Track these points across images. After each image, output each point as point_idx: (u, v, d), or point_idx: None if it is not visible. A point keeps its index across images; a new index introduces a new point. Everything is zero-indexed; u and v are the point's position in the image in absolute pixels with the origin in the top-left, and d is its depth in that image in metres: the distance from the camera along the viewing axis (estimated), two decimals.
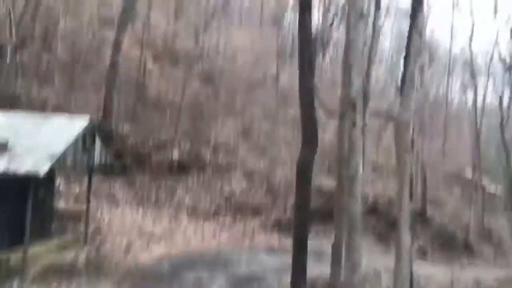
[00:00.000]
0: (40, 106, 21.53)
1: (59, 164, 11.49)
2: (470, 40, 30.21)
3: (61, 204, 17.53)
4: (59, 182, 19.38)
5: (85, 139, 12.42)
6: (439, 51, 39.06)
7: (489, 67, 33.17)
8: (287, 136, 27.37)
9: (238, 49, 30.81)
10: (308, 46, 11.84)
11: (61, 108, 21.14)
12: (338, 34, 34.55)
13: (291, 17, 43.28)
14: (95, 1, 29.12)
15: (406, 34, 10.50)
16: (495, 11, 32.04)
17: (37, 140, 11.75)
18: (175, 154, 22.95)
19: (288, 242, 20.73)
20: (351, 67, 8.99)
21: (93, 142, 12.82)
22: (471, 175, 31.10)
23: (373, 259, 16.18)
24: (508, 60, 30.56)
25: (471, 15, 29.74)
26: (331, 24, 26.17)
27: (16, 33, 23.75)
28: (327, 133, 25.36)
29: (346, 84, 8.99)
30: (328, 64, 38.43)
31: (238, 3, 40.12)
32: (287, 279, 14.49)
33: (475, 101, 31.22)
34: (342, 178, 13.98)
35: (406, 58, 10.07)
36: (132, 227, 18.15)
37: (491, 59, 32.51)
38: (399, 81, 12.72)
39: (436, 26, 74.53)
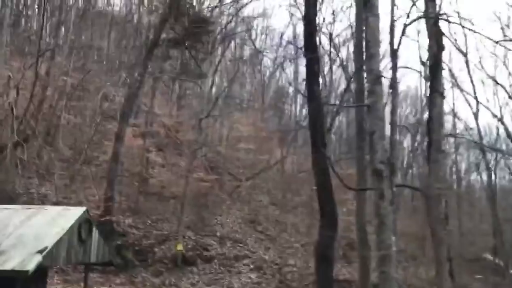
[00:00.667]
0: (40, 203, 20.58)
1: (50, 260, 10.18)
2: (476, 118, 29.73)
3: None
4: (54, 280, 17.92)
5: (80, 231, 11.19)
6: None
7: (496, 142, 32.47)
8: (296, 223, 26.04)
9: (241, 136, 30.37)
10: (319, 119, 11.06)
11: (60, 204, 20.11)
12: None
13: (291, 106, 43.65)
14: (98, 96, 29.14)
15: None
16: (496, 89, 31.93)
17: (26, 233, 10.55)
18: (180, 247, 21.44)
19: None
20: (374, 133, 8.05)
21: (90, 234, 11.57)
22: (492, 258, 29.23)
23: None
24: None
25: (474, 92, 29.53)
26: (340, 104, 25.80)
27: (17, 130, 23.42)
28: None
29: (370, 152, 8.02)
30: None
31: (239, 90, 40.47)
32: None
33: (489, 178, 30.11)
34: (364, 262, 12.65)
35: (429, 122, 9.19)
36: None
37: (498, 134, 31.93)
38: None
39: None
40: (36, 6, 38.56)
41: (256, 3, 48.43)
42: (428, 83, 10.24)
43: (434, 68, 9.92)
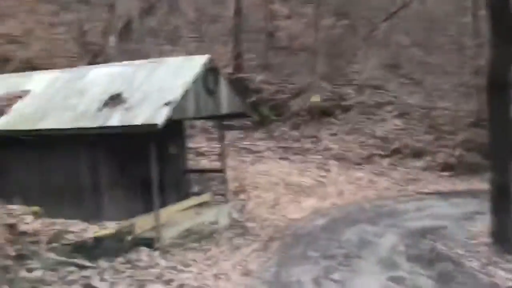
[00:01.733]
0: None
1: (179, 112, 9.46)
2: None
3: (196, 161, 16.15)
4: (197, 138, 18.11)
5: (207, 81, 10.21)
6: None
7: None
8: (443, 64, 22.92)
9: None
10: None
11: None
12: None
13: None
14: None
15: None
16: None
17: (152, 87, 9.85)
18: (315, 98, 20.20)
19: (461, 187, 17.05)
20: None
21: (217, 83, 10.57)
22: None
23: None
24: None
25: None
26: None
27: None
28: None
29: None
30: None
31: None
32: (473, 228, 11.25)
33: None
34: None
35: None
36: (277, 181, 16.02)
37: None
38: None
39: None
40: None
41: None
42: None
43: None
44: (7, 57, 21.73)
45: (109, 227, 7.95)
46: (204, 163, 16.84)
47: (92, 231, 7.70)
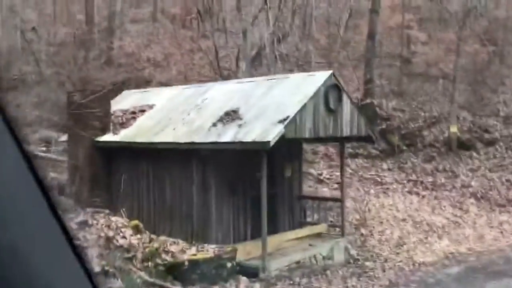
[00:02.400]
0: None
1: (294, 130, 8.46)
2: None
3: (316, 188, 14.97)
4: (321, 165, 17.02)
5: (328, 98, 9.10)
6: None
7: None
8: None
9: None
10: None
11: None
12: None
13: None
14: None
15: None
16: None
17: (268, 103, 9.02)
18: (453, 129, 17.88)
19: None
20: None
21: (339, 102, 9.40)
22: None
23: None
24: None
25: None
26: None
27: (275, 27, 22.99)
28: None
29: None
30: None
31: None
32: None
33: None
34: None
35: None
36: (405, 217, 14.14)
37: None
38: None
39: None
40: None
41: None
42: None
43: None
44: (148, 79, 22.98)
45: (210, 250, 7.10)
46: (324, 191, 15.60)
47: (190, 252, 6.92)
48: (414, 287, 8.68)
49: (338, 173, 15.68)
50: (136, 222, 7.64)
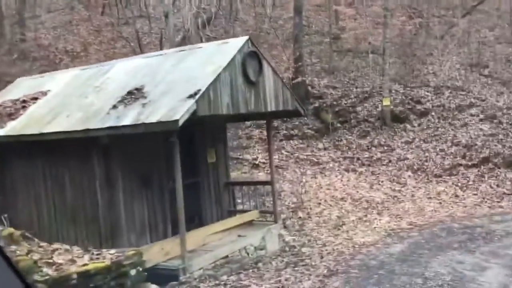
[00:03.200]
0: None
1: (208, 106, 7.10)
2: None
3: (251, 173, 13.79)
4: (247, 147, 15.83)
5: (246, 67, 7.80)
6: None
7: None
8: None
9: None
10: None
11: None
12: None
13: None
14: None
15: None
16: None
17: (177, 78, 7.60)
18: (386, 103, 17.21)
19: None
20: None
21: (260, 72, 8.13)
22: None
23: None
24: None
25: None
26: None
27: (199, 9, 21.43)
28: None
29: None
30: None
31: None
32: None
33: None
34: None
35: None
36: (343, 196, 13.23)
37: None
38: None
39: None
40: None
41: None
42: None
43: None
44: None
45: (107, 257, 5.63)
46: (260, 176, 14.44)
47: (81, 262, 5.43)
48: (354, 273, 7.60)
49: (275, 158, 14.66)
50: (10, 230, 6.05)
